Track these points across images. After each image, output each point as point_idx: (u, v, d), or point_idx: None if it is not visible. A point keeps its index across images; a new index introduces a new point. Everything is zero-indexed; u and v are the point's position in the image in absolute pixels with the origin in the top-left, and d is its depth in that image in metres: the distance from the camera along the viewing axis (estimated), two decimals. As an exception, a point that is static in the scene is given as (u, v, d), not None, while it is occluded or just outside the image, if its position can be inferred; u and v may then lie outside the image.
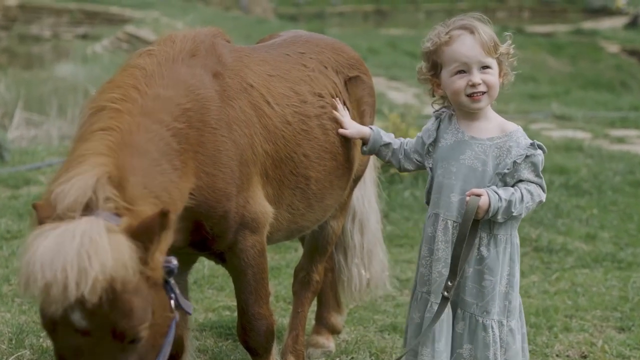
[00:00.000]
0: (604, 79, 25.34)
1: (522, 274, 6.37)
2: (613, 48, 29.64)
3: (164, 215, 2.90)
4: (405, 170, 4.17)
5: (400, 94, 16.53)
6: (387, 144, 4.18)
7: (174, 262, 3.10)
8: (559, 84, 21.96)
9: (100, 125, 3.24)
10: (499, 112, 3.99)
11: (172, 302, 3.12)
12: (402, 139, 4.19)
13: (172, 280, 3.12)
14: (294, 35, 4.64)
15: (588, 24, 35.95)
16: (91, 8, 30.26)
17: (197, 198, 3.53)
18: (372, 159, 4.94)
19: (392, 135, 4.23)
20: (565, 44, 29.55)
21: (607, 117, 13.81)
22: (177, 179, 3.36)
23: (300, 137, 4.08)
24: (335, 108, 4.28)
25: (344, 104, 4.38)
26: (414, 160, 4.08)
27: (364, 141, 4.25)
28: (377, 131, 4.23)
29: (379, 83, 15.75)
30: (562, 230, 7.56)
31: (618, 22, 37.75)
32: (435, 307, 3.81)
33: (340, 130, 4.26)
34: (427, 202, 3.97)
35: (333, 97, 4.32)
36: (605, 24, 37.01)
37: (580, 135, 11.82)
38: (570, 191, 8.77)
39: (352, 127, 4.28)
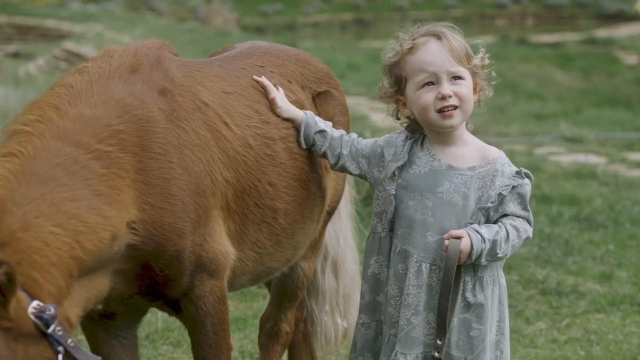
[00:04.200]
0: (621, 94, 25.48)
1: (527, 321, 6.44)
2: (631, 59, 29.79)
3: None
4: (343, 170, 4.11)
5: (384, 115, 16.56)
6: (322, 132, 4.13)
7: (51, 310, 3.11)
8: (569, 101, 22.07)
9: (3, 152, 3.35)
10: (500, 134, 4.02)
11: (60, 356, 3.13)
12: (343, 132, 4.15)
13: (59, 331, 3.13)
14: (250, 46, 4.64)
15: (602, 32, 36.20)
16: (23, 22, 30.22)
17: (141, 234, 3.54)
18: (348, 188, 4.97)
19: (331, 124, 4.19)
20: (575, 55, 29.70)
21: (624, 138, 13.88)
22: (102, 205, 3.39)
23: (264, 163, 4.07)
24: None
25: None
26: (361, 164, 4.03)
27: (296, 126, 4.19)
28: (311, 115, 4.19)
29: (360, 103, 15.83)
30: (573, 269, 7.58)
31: (637, 29, 38.01)
32: (400, 358, 3.78)
33: (271, 96, 4.20)
34: (390, 230, 3.91)
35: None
36: (622, 31, 37.26)
37: (593, 159, 11.87)
38: (582, 224, 8.80)
39: (284, 104, 4.22)
